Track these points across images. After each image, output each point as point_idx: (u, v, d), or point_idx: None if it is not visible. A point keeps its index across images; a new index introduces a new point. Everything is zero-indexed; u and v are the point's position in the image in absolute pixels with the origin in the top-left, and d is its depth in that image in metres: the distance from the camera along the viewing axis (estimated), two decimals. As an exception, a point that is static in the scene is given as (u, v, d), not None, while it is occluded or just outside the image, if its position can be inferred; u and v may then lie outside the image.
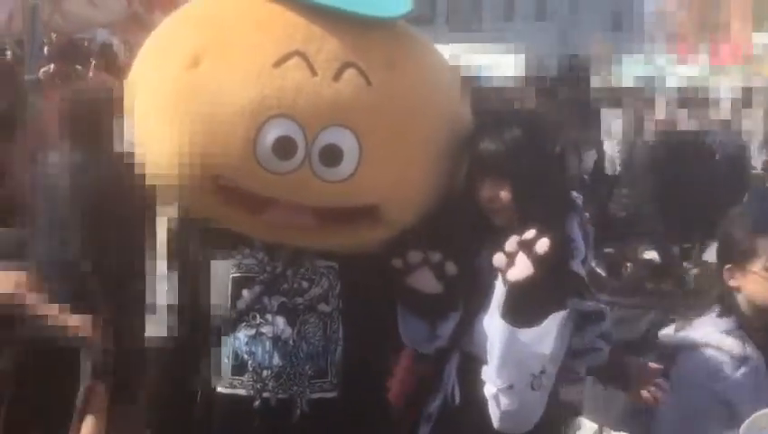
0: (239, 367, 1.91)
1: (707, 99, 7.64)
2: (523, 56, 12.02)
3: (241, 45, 1.79)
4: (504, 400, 1.77)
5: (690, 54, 9.61)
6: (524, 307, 1.75)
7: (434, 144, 1.89)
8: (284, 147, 1.73)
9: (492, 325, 1.77)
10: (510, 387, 1.75)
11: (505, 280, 1.77)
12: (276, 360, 1.90)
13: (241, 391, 1.91)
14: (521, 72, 10.43)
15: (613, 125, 8.16)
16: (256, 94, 1.73)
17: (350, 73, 1.77)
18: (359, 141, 1.76)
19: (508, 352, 1.74)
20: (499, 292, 1.78)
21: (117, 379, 2.14)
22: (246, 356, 1.91)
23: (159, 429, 2.03)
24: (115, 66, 4.91)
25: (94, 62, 5.04)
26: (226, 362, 1.92)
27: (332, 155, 1.76)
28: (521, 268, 1.74)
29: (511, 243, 1.76)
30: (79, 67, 5.58)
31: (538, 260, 1.72)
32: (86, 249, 3.00)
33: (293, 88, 1.73)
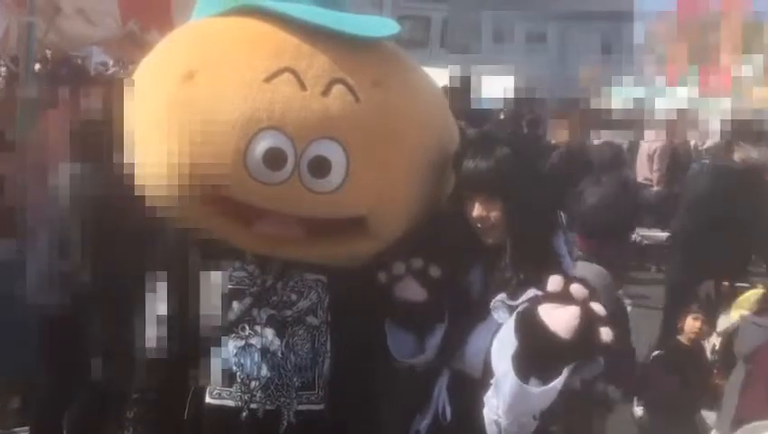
0: (228, 378, 1.92)
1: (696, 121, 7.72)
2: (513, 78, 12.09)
3: (234, 61, 1.83)
4: (504, 423, 1.75)
5: (680, 79, 9.70)
6: (540, 361, 1.68)
7: (419, 159, 1.92)
8: (274, 158, 1.76)
9: (504, 370, 1.71)
10: (515, 421, 1.74)
11: (532, 317, 1.67)
12: (265, 371, 1.91)
13: (229, 402, 1.92)
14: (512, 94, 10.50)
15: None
16: (247, 107, 1.76)
17: (338, 89, 1.80)
18: (346, 153, 1.79)
19: (518, 402, 1.71)
20: (508, 331, 1.72)
21: (112, 386, 2.16)
22: (234, 367, 1.92)
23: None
24: (108, 83, 4.94)
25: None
26: (215, 372, 1.93)
27: (320, 167, 1.78)
28: (565, 324, 1.62)
29: (579, 291, 1.63)
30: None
31: (588, 336, 1.61)
32: (85, 259, 3.04)
33: (283, 101, 1.77)
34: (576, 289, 1.63)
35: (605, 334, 1.62)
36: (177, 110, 1.82)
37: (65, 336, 3.16)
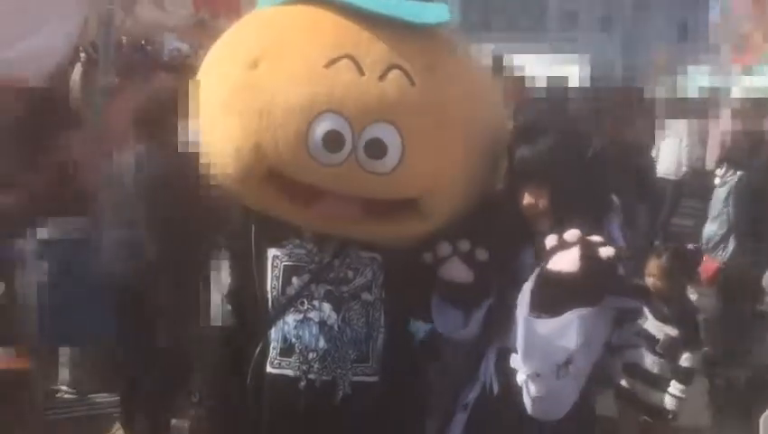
0: (287, 349, 2.01)
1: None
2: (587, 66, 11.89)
3: (296, 48, 1.90)
4: (533, 388, 1.80)
5: (755, 65, 9.39)
6: (548, 299, 1.75)
7: (471, 143, 1.95)
8: (333, 140, 1.83)
9: (519, 314, 1.80)
10: (537, 375, 1.78)
11: (543, 267, 1.78)
12: (322, 343, 2.00)
13: (288, 372, 2.01)
14: (585, 83, 10.35)
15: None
16: (308, 92, 1.84)
17: (394, 74, 1.86)
18: (401, 137, 1.85)
19: (528, 341, 1.77)
20: (529, 282, 1.80)
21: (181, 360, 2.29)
22: (294, 339, 2.01)
23: (215, 404, 2.17)
24: (182, 68, 5.10)
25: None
26: (275, 344, 2.03)
27: (376, 149, 1.84)
28: (568, 262, 1.73)
29: (573, 234, 1.76)
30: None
31: (591, 262, 1.71)
32: (154, 237, 3.19)
33: (342, 86, 1.84)
34: (568, 235, 1.74)
35: (605, 251, 1.70)
36: (243, 95, 1.90)
37: (139, 308, 3.32)
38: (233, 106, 1.92)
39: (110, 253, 3.41)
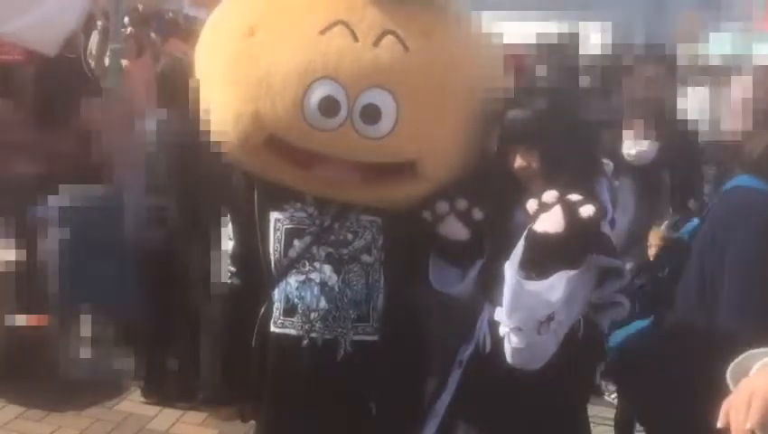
0: (290, 309, 2.08)
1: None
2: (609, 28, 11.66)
3: (291, 16, 1.94)
4: (513, 339, 1.84)
5: (781, 31, 9.15)
6: (538, 260, 1.77)
7: (466, 106, 1.98)
8: (328, 106, 1.87)
9: (507, 272, 1.82)
10: (519, 329, 1.82)
11: (530, 228, 1.80)
12: (323, 303, 2.06)
13: (291, 331, 2.08)
14: (607, 44, 10.15)
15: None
16: (303, 59, 1.87)
17: (388, 40, 1.89)
18: (396, 101, 1.88)
19: (515, 299, 1.80)
20: (520, 243, 1.82)
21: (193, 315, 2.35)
22: (296, 300, 2.08)
23: (220, 362, 2.25)
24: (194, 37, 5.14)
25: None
26: (278, 304, 2.10)
27: (371, 114, 1.88)
28: (552, 223, 1.76)
29: (551, 195, 1.78)
30: (153, 35, 5.85)
31: (573, 222, 1.74)
32: (173, 197, 3.26)
33: (336, 53, 1.87)
34: (546, 195, 1.76)
35: (585, 210, 1.72)
36: (241, 64, 1.94)
37: (161, 268, 3.41)
38: (232, 75, 1.96)
39: (130, 218, 3.50)
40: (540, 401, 1.94)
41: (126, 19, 5.65)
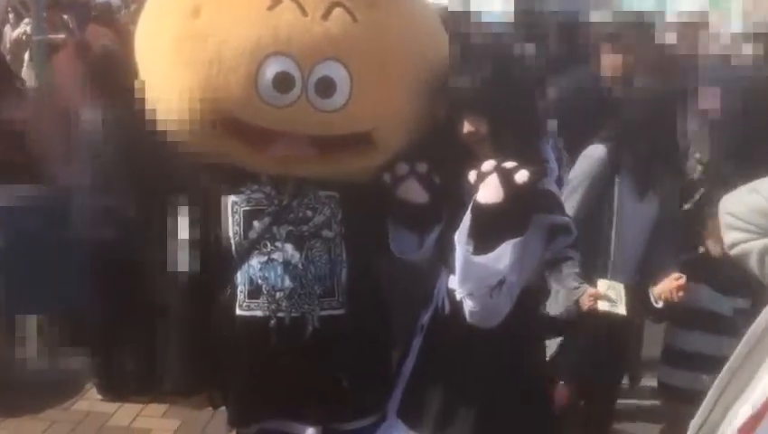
0: (255, 291, 2.07)
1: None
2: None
3: None
4: (468, 303, 1.90)
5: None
6: (484, 232, 1.81)
7: (416, 75, 1.99)
8: (282, 82, 1.86)
9: (457, 244, 1.86)
10: (471, 295, 1.87)
11: (474, 199, 1.82)
12: (288, 282, 2.05)
13: (258, 313, 2.07)
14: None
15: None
16: (253, 35, 1.85)
17: (337, 12, 1.88)
18: (349, 73, 1.88)
19: (465, 270, 1.85)
20: (467, 215, 1.85)
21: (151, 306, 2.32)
22: (260, 281, 2.07)
23: (186, 351, 2.23)
24: (113, 22, 4.99)
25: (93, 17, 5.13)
26: (242, 287, 2.08)
27: (326, 87, 1.87)
28: (491, 192, 1.78)
29: (488, 165, 1.80)
30: (65, 16, 5.66)
31: (510, 189, 1.76)
32: (122, 191, 3.17)
33: (286, 27, 1.85)
34: (484, 165, 1.79)
35: (520, 177, 1.75)
36: (188, 45, 1.90)
37: (112, 263, 3.33)
38: (179, 57, 1.92)
39: (75, 216, 3.40)
40: (497, 359, 2.01)
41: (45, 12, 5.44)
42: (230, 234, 2.09)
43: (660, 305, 2.65)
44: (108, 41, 3.63)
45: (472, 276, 1.85)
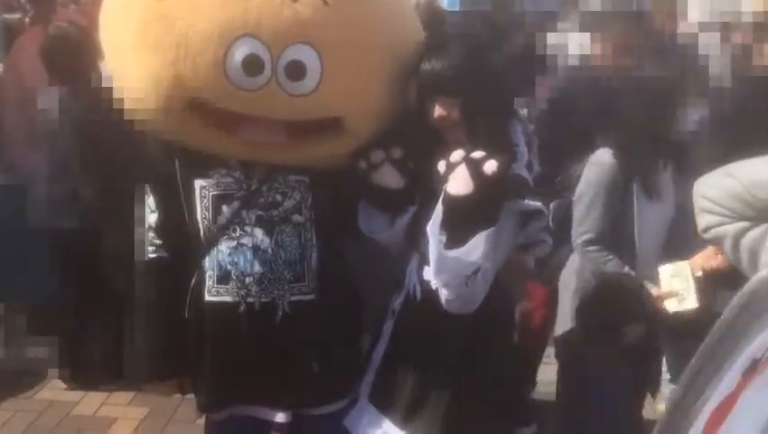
0: (224, 277, 2.06)
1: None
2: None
3: None
4: (444, 292, 1.91)
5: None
6: (456, 224, 1.81)
7: (387, 59, 1.98)
8: (252, 65, 1.83)
9: (430, 236, 1.85)
10: (447, 285, 1.89)
11: (445, 191, 1.81)
12: (257, 267, 2.04)
13: (227, 298, 2.06)
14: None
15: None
16: (222, 17, 1.82)
17: None
18: (320, 57, 1.86)
19: (439, 263, 1.85)
20: (438, 206, 1.84)
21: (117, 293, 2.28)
22: (229, 266, 2.06)
23: (155, 337, 2.20)
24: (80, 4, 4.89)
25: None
26: (211, 273, 2.07)
27: (296, 70, 1.85)
28: (461, 184, 1.77)
29: (457, 155, 1.78)
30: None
31: (480, 180, 1.75)
32: (85, 178, 3.12)
33: (256, 10, 1.82)
34: (453, 155, 1.78)
35: (489, 167, 1.74)
36: (155, 27, 1.87)
37: (75, 252, 3.27)
38: (146, 39, 1.89)
39: (34, 201, 3.34)
40: (468, 343, 2.03)
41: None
42: (199, 219, 2.08)
43: (699, 274, 2.50)
44: (68, 21, 3.52)
45: (446, 268, 1.86)
